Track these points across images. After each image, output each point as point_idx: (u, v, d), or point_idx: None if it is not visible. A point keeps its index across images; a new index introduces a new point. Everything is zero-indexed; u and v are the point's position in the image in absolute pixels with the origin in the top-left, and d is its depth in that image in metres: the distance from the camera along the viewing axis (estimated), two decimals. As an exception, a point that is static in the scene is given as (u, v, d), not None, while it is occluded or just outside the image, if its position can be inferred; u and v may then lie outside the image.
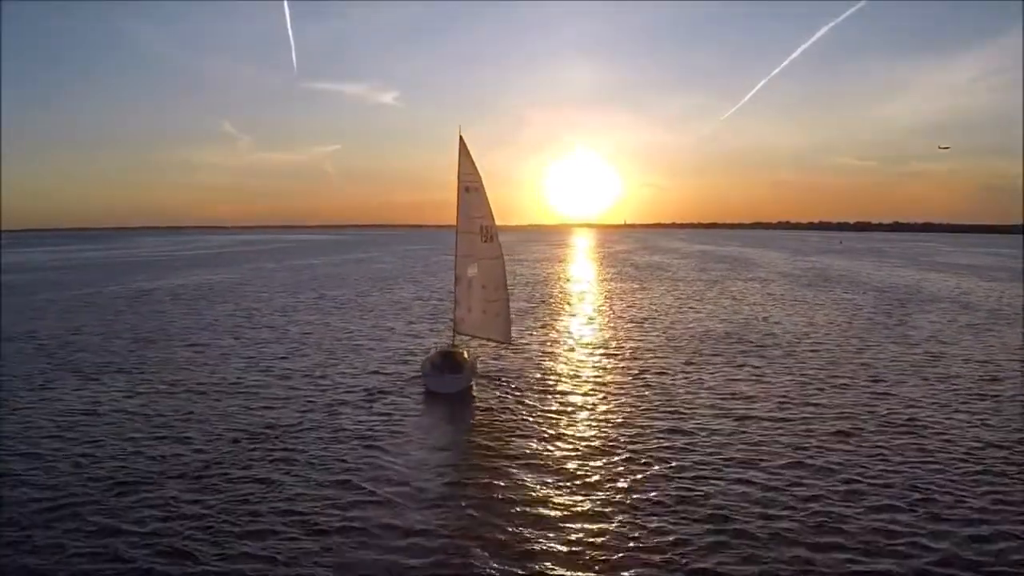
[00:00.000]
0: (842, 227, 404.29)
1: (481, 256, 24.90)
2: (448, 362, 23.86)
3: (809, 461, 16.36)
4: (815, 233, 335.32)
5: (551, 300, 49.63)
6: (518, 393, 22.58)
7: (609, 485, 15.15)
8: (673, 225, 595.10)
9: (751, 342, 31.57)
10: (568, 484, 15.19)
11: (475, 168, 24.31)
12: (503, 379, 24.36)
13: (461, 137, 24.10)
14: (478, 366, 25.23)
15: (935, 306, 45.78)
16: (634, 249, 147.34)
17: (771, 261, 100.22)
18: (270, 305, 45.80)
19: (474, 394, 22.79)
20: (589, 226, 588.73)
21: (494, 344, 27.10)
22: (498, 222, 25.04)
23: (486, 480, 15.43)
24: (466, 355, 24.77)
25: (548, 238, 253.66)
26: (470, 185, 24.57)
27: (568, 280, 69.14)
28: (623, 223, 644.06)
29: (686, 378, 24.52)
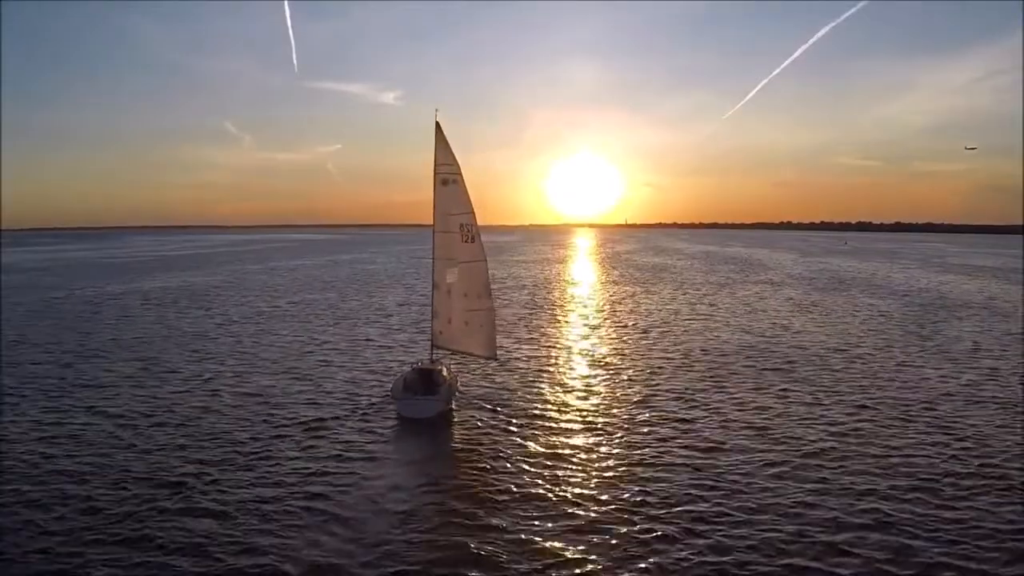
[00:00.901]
0: (844, 227, 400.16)
1: (462, 259, 21.37)
2: (423, 382, 20.36)
3: (878, 519, 12.72)
4: (817, 233, 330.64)
5: (548, 306, 45.90)
6: (505, 420, 19.00)
7: (616, 543, 11.75)
8: (674, 225, 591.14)
9: (777, 357, 27.81)
10: (565, 539, 11.79)
11: (453, 157, 20.84)
12: (488, 402, 20.77)
13: (438, 123, 20.66)
14: (459, 386, 21.69)
15: (966, 312, 42.10)
16: (636, 250, 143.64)
17: (780, 262, 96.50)
18: (242, 311, 42.16)
19: (453, 420, 19.28)
20: (590, 226, 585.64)
21: (478, 360, 23.55)
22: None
23: (465, 534, 12.10)
24: (445, 373, 21.23)
25: (549, 238, 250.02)
26: (448, 177, 21.08)
27: (568, 283, 65.41)
28: (624, 223, 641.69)
29: (704, 403, 20.86)
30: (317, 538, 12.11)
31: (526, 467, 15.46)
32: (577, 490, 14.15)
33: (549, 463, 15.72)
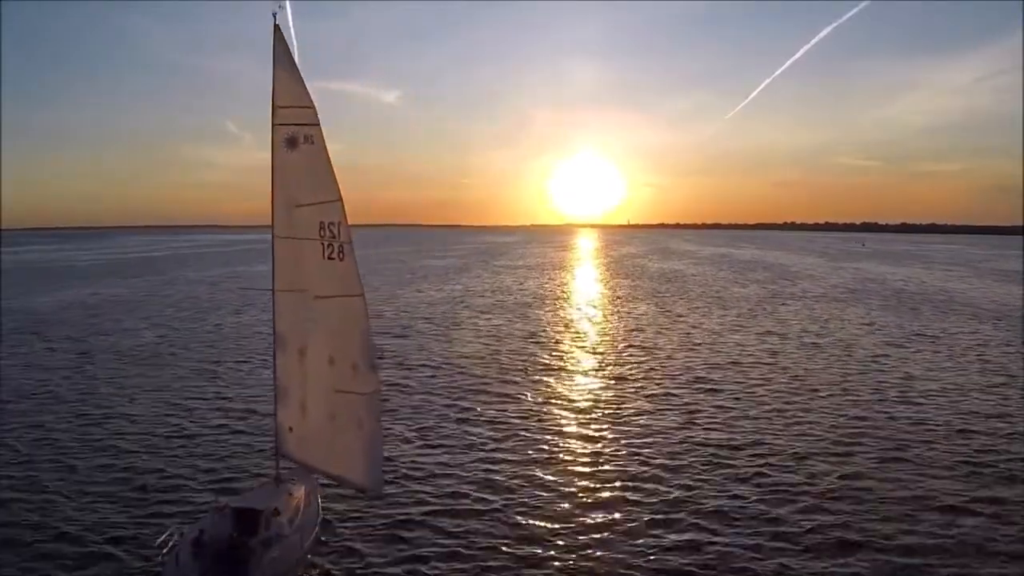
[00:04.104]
0: (849, 228, 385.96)
1: (322, 290, 10.51)
2: (229, 546, 9.69)
3: None
4: (823, 234, 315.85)
5: (528, 346, 31.74)
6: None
7: None
8: (676, 226, 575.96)
9: (944, 458, 16.00)
10: None
11: (308, 96, 10.04)
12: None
13: (277, 26, 11.15)
14: (312, 542, 10.70)
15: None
16: (643, 252, 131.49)
17: (810, 269, 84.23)
18: (99, 346, 30.67)
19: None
20: (592, 226, 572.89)
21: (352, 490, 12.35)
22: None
23: None
24: (290, 510, 10.32)
25: (551, 239, 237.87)
26: (295, 133, 10.32)
27: (565, 299, 51.22)
28: (626, 223, 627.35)
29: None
30: None
31: None
32: None
33: None
